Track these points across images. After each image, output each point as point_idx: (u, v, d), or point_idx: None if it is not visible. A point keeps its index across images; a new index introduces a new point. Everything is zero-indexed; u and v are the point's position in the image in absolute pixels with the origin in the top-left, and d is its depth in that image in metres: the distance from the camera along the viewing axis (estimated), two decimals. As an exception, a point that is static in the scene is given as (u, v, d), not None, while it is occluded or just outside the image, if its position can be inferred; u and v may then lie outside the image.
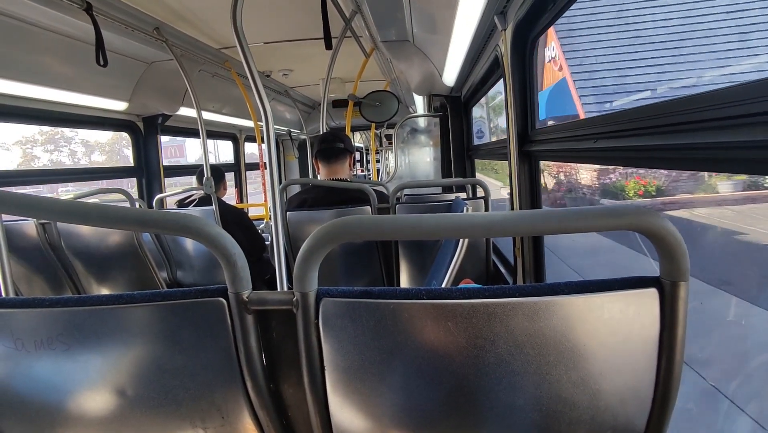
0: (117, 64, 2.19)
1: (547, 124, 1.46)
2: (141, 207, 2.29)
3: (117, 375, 0.60)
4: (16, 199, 0.55)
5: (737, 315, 3.00)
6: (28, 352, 0.58)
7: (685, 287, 0.48)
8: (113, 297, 0.56)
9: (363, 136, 7.51)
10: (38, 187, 3.83)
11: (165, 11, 1.91)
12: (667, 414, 0.53)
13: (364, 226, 0.51)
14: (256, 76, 1.17)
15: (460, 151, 3.22)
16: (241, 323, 0.56)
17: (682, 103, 0.69)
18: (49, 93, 2.00)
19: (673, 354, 0.50)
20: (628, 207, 0.47)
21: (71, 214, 0.55)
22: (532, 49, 1.45)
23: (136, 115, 2.75)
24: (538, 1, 1.23)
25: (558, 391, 0.52)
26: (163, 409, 0.62)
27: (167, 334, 0.57)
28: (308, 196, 1.86)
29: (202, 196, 2.49)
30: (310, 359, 0.56)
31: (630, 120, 0.85)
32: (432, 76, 2.68)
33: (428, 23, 1.96)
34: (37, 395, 0.62)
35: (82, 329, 0.57)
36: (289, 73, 3.31)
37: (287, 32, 2.41)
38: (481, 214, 0.50)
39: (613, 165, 1.00)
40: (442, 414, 0.56)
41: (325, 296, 0.54)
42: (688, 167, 0.73)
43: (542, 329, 0.50)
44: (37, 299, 0.57)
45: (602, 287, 0.49)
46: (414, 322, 0.53)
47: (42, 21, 1.71)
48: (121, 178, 3.01)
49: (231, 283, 0.54)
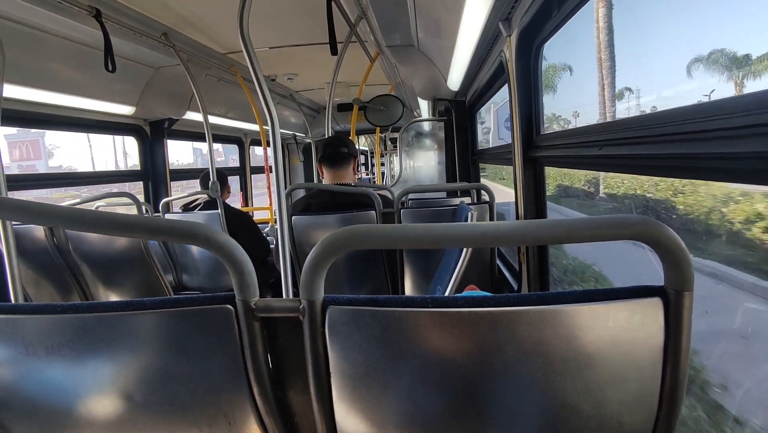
0: (125, 69, 2.22)
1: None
2: (147, 211, 2.31)
3: (125, 381, 0.61)
4: (26, 207, 0.56)
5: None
6: (39, 357, 0.59)
7: (689, 297, 0.48)
8: (123, 304, 0.57)
9: (368, 139, 7.52)
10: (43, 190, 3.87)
11: (172, 17, 1.93)
12: (672, 423, 0.53)
13: (372, 235, 0.52)
14: (262, 81, 1.18)
15: (465, 155, 3.22)
16: (249, 329, 0.56)
17: (689, 112, 0.69)
18: (58, 98, 2.03)
19: (677, 363, 0.50)
20: (634, 217, 0.48)
21: (81, 223, 0.56)
22: (537, 55, 1.45)
23: (143, 119, 2.78)
24: (543, 7, 1.23)
25: (563, 399, 0.52)
26: (170, 415, 0.62)
27: (175, 340, 0.58)
28: (313, 200, 1.86)
29: (207, 200, 2.51)
30: (316, 366, 0.56)
31: (636, 128, 0.85)
32: (437, 81, 2.68)
33: (433, 28, 1.97)
34: (47, 400, 0.63)
35: (91, 335, 0.58)
36: (295, 78, 3.33)
37: (293, 37, 2.43)
38: (488, 224, 0.51)
39: (618, 172, 1.00)
40: (448, 422, 0.56)
41: (331, 304, 0.54)
42: (694, 176, 0.73)
43: (547, 338, 0.50)
44: (48, 306, 0.57)
45: (607, 296, 0.50)
46: (420, 330, 0.53)
47: (52, 27, 1.73)
48: (128, 182, 3.03)
49: (239, 290, 0.55)
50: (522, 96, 1.50)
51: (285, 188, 1.28)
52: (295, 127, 4.74)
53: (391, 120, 2.95)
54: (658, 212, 2.06)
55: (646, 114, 0.81)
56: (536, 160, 1.50)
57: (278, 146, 1.22)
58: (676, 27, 2.08)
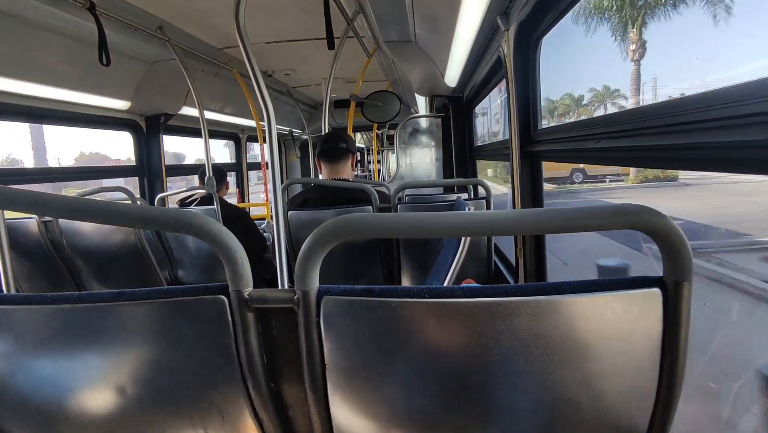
0: (120, 63, 2.20)
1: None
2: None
3: (117, 373, 0.60)
4: (18, 196, 0.55)
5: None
6: (29, 349, 0.58)
7: (688, 287, 0.48)
8: (114, 294, 0.56)
9: (364, 136, 7.51)
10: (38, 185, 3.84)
11: (168, 10, 1.91)
12: (670, 414, 0.52)
13: (366, 224, 0.51)
14: (259, 76, 1.17)
15: (462, 151, 3.22)
16: (242, 320, 0.55)
17: (686, 102, 0.68)
18: (52, 92, 2.01)
19: (676, 354, 0.50)
20: (633, 206, 0.47)
21: (74, 211, 0.55)
22: (535, 49, 1.45)
23: (139, 114, 2.76)
24: (541, 1, 1.23)
25: (561, 390, 0.52)
26: (163, 408, 0.62)
27: (168, 331, 0.57)
28: (310, 195, 1.86)
29: (203, 195, 2.49)
30: (310, 357, 0.55)
31: (633, 120, 0.84)
32: (434, 77, 2.68)
33: (431, 24, 1.96)
34: (37, 393, 0.62)
35: (82, 327, 0.57)
36: (292, 73, 3.32)
37: (289, 32, 2.42)
38: (485, 213, 0.50)
39: (616, 165, 1.00)
40: (444, 414, 0.56)
41: (326, 295, 0.53)
42: (692, 167, 0.72)
43: (545, 329, 0.50)
44: (38, 296, 0.56)
45: (605, 286, 0.49)
46: (416, 321, 0.52)
47: (45, 20, 1.71)
48: (123, 177, 3.01)
49: (232, 280, 0.54)
50: (520, 91, 1.49)
51: (281, 184, 1.28)
52: (292, 124, 4.72)
53: (388, 116, 2.95)
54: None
55: (644, 106, 0.80)
56: (534, 155, 1.50)
57: (275, 142, 1.22)
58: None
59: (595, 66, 3.71)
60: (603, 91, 4.13)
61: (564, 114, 5.34)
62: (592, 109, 4.93)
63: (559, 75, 4.22)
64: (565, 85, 4.18)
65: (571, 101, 5.35)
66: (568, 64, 3.45)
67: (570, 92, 4.51)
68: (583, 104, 5.11)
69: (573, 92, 4.07)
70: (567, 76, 3.64)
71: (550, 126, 1.43)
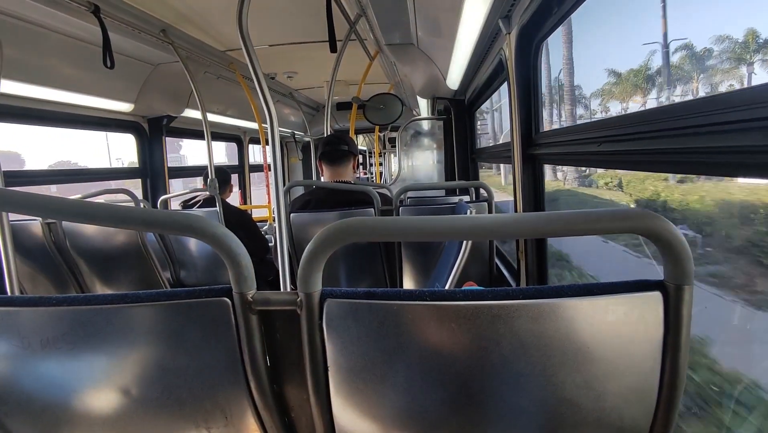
0: (123, 66, 2.21)
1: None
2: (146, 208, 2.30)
3: (121, 374, 0.60)
4: (22, 199, 0.56)
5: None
6: (35, 350, 0.58)
7: (689, 291, 0.48)
8: (118, 296, 0.56)
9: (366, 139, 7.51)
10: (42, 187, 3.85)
11: (171, 13, 1.92)
12: (671, 416, 0.52)
13: (369, 227, 0.51)
14: (261, 79, 1.18)
15: (464, 154, 3.21)
16: (246, 323, 0.56)
17: (688, 106, 0.69)
18: (56, 94, 2.02)
19: (677, 357, 0.50)
20: (634, 210, 0.47)
21: (77, 214, 0.56)
22: (536, 52, 1.45)
23: (141, 116, 2.77)
24: (543, 5, 1.23)
25: (563, 393, 0.52)
26: (167, 409, 0.62)
27: (171, 333, 0.57)
28: (312, 197, 1.86)
29: (206, 197, 2.50)
30: (313, 359, 0.56)
31: (634, 123, 0.85)
32: (436, 80, 2.68)
33: (433, 27, 1.97)
34: (43, 394, 0.62)
35: (87, 328, 0.57)
36: (294, 76, 3.33)
37: (292, 35, 2.43)
38: (487, 217, 0.51)
39: (618, 169, 1.00)
40: (446, 416, 0.56)
41: (329, 297, 0.54)
42: (693, 171, 0.72)
43: (546, 332, 0.50)
44: (43, 298, 0.57)
45: (606, 289, 0.49)
46: (417, 323, 0.53)
47: (50, 23, 1.73)
48: (126, 179, 3.02)
49: (235, 283, 0.55)
50: (521, 94, 1.50)
51: (283, 186, 1.28)
52: (294, 126, 4.73)
53: (390, 119, 2.95)
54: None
55: (646, 110, 0.80)
56: (535, 158, 1.50)
57: (277, 144, 1.22)
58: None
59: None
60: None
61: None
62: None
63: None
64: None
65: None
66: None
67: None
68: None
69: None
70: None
71: (552, 129, 1.43)
